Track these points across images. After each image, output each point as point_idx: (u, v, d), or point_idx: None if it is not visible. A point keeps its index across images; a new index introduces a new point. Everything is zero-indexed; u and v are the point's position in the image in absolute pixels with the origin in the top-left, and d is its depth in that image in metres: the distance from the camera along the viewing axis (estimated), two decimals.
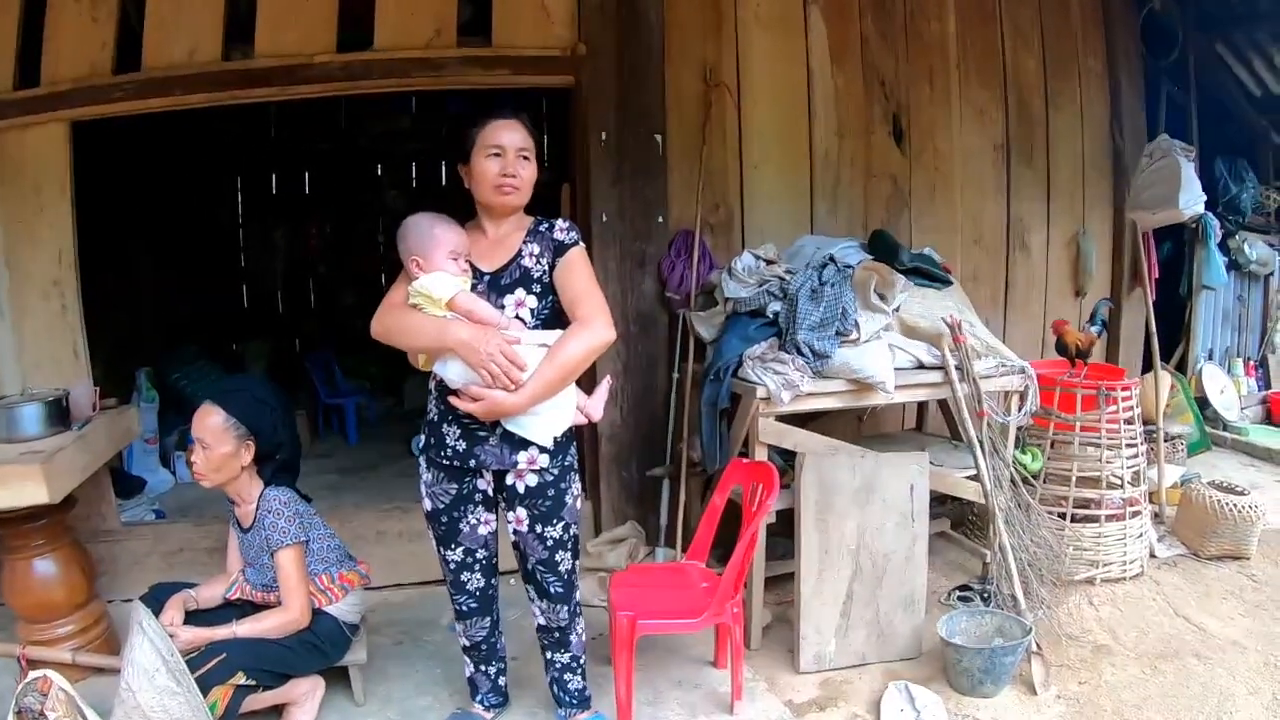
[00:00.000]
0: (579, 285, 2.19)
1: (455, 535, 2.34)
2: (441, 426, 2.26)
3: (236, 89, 3.31)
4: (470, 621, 2.48)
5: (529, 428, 2.15)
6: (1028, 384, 3.32)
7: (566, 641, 2.46)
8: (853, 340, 2.92)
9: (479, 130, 2.17)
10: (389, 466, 5.10)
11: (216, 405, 2.49)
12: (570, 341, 2.11)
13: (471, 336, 2.04)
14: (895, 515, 2.90)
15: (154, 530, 3.71)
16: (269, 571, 2.59)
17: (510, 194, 2.17)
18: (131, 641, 2.26)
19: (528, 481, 2.25)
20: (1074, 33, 4.63)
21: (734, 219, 3.66)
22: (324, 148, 6.97)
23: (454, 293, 2.10)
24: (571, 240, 2.22)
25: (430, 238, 2.15)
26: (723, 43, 3.62)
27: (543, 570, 2.34)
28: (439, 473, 2.30)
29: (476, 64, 3.30)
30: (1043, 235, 4.24)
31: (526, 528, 2.29)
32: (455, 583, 2.42)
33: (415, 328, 2.13)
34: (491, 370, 2.02)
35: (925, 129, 3.93)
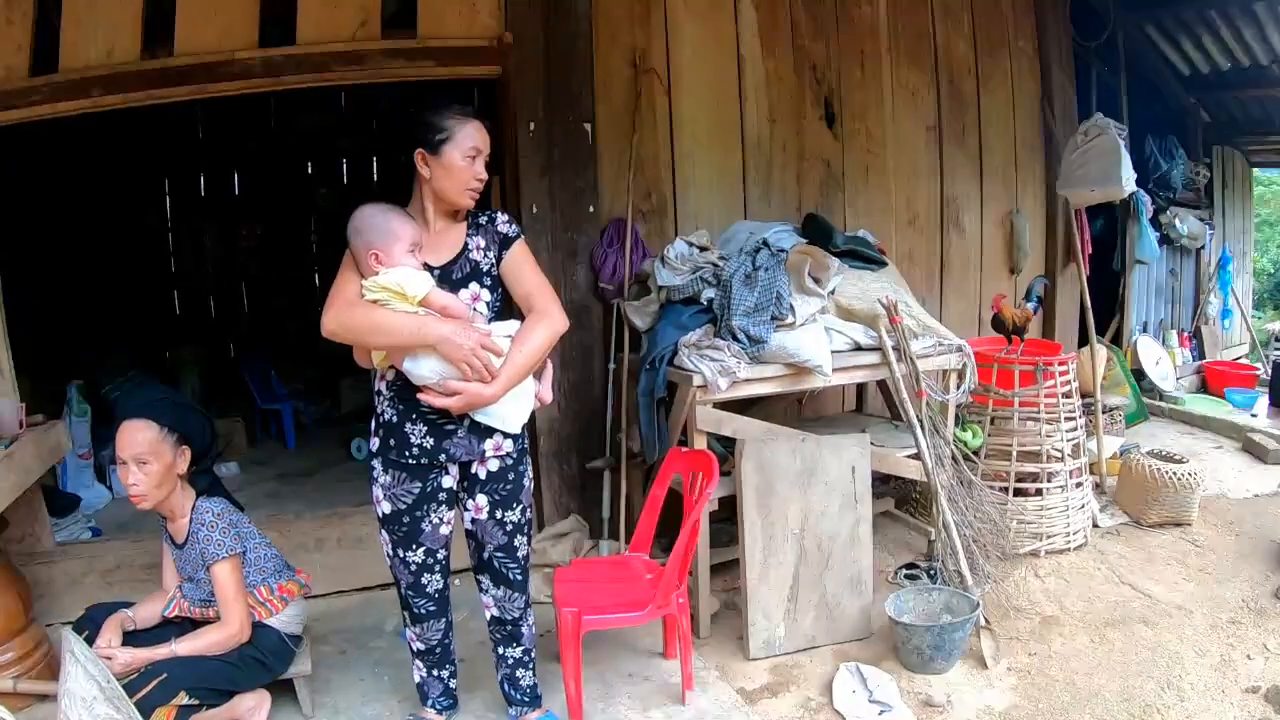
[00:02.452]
0: (530, 278, 2.23)
1: (416, 536, 2.29)
2: (403, 426, 2.20)
3: (155, 88, 3.19)
4: (426, 625, 2.43)
5: (498, 417, 2.16)
6: (965, 362, 3.36)
7: (519, 634, 2.44)
8: (788, 324, 2.93)
9: (458, 126, 2.13)
10: (328, 471, 5.01)
11: (145, 419, 2.40)
12: (535, 330, 2.15)
13: (452, 332, 2.02)
14: (838, 497, 2.91)
15: (90, 549, 3.58)
16: (206, 586, 2.51)
17: (477, 198, 2.19)
18: (65, 670, 2.17)
19: (489, 467, 2.24)
20: (1004, 15, 4.68)
21: (666, 207, 3.64)
22: (253, 146, 6.78)
23: (428, 289, 2.06)
24: (515, 233, 2.24)
25: (389, 232, 2.09)
26: (652, 29, 3.60)
27: (501, 557, 2.32)
28: (399, 474, 2.24)
29: (400, 56, 3.22)
30: (976, 214, 4.29)
31: (486, 514, 2.27)
32: (414, 585, 2.37)
33: (387, 325, 2.06)
34: (473, 364, 2.02)
35: (857, 112, 3.95)
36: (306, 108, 6.38)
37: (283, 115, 6.69)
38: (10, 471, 2.81)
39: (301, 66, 3.17)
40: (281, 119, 6.73)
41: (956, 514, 3.21)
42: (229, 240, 7.07)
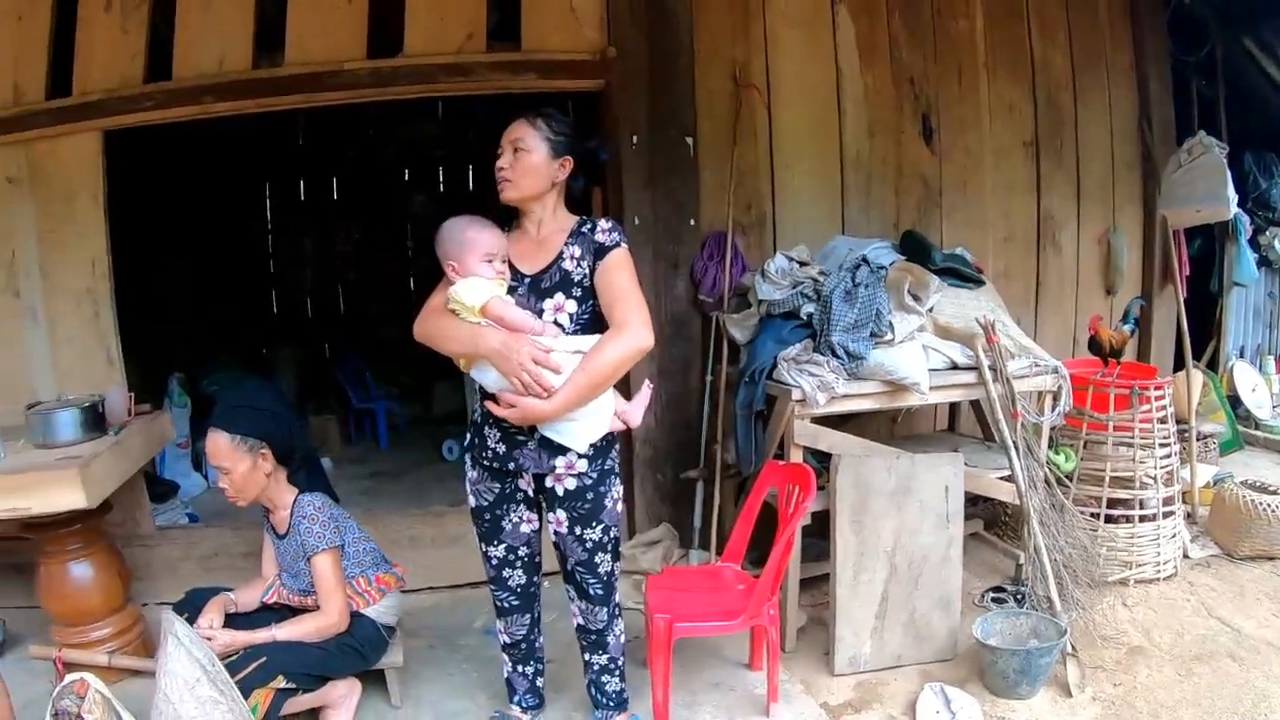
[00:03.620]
0: (617, 288, 2.14)
1: (498, 533, 2.37)
2: (483, 429, 2.29)
3: (265, 97, 3.34)
4: (511, 618, 2.50)
5: (565, 434, 2.15)
6: (1061, 384, 3.29)
7: (604, 643, 2.47)
8: (887, 341, 2.92)
9: None
10: (420, 471, 5.13)
11: (219, 429, 2.52)
12: (605, 348, 2.07)
13: (502, 344, 2.04)
14: (931, 516, 2.88)
15: (188, 534, 3.74)
16: (305, 577, 2.60)
17: (504, 188, 2.20)
18: (167, 652, 2.27)
19: (566, 485, 2.26)
20: (1101, 28, 4.58)
21: (766, 220, 3.65)
22: (352, 155, 6.99)
23: (485, 299, 2.10)
24: (613, 242, 2.19)
25: (463, 242, 2.16)
26: (751, 43, 3.61)
27: (582, 571, 2.35)
28: (482, 472, 2.33)
29: (504, 69, 3.31)
30: (1073, 233, 4.20)
31: (566, 529, 2.30)
32: (497, 579, 2.44)
33: (451, 334, 2.15)
34: (522, 379, 2.02)
35: (955, 127, 3.90)
36: (404, 117, 6.55)
37: (381, 124, 6.88)
38: (119, 457, 2.96)
39: (409, 77, 3.28)
40: (380, 127, 6.92)
41: (1047, 538, 3.15)
42: (327, 244, 7.30)
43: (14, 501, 2.65)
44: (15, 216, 3.59)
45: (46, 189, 3.58)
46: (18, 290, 3.62)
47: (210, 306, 6.33)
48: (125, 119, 3.48)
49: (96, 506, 2.79)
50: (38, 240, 3.59)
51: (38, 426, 2.93)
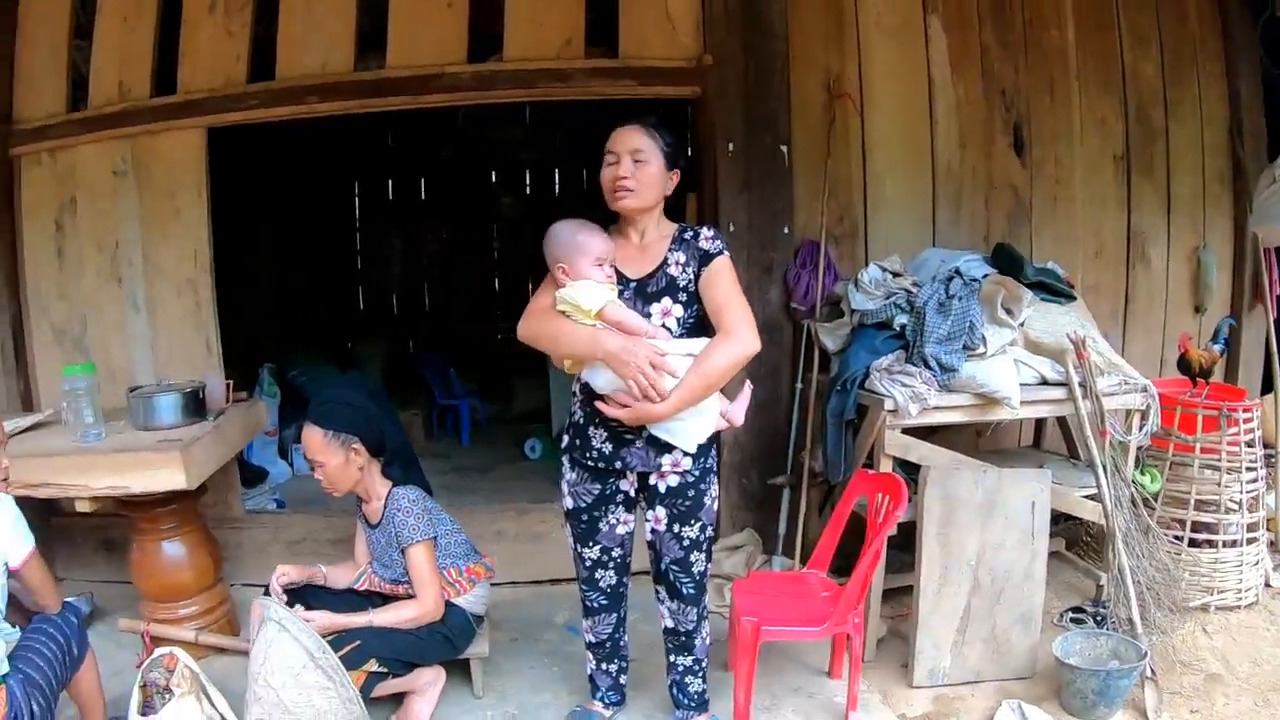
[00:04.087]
0: (724, 295, 2.20)
1: (594, 534, 2.40)
2: (587, 429, 2.31)
3: (369, 98, 3.44)
4: (598, 618, 2.54)
5: (675, 434, 2.19)
6: (1149, 403, 3.24)
7: (692, 645, 2.50)
8: (979, 354, 2.90)
9: (609, 139, 2.24)
10: (501, 468, 5.22)
11: (312, 424, 2.60)
12: (716, 351, 2.13)
13: (621, 348, 2.08)
14: (1016, 532, 2.86)
15: (276, 519, 3.87)
16: (397, 566, 2.68)
17: (624, 197, 2.21)
18: (266, 638, 2.34)
19: (669, 481, 2.30)
20: (1192, 39, 4.47)
21: (858, 230, 3.65)
22: (441, 155, 7.14)
23: (603, 304, 2.14)
24: (717, 249, 2.25)
25: (575, 245, 2.19)
26: (845, 52, 3.62)
27: (676, 570, 2.38)
28: (582, 472, 2.35)
29: (603, 74, 3.36)
30: (1163, 249, 4.11)
31: (664, 527, 2.34)
32: (589, 579, 2.48)
33: (565, 335, 2.18)
34: (640, 381, 2.06)
35: (1046, 139, 3.85)
36: (492, 119, 6.66)
37: (470, 126, 7.02)
38: (217, 442, 3.09)
39: (509, 82, 3.35)
40: (468, 129, 7.06)
41: (1131, 559, 3.10)
42: (414, 243, 7.46)
43: (115, 480, 2.78)
44: (120, 208, 3.77)
45: (150, 182, 3.74)
46: (120, 278, 3.80)
47: (299, 301, 6.51)
48: (229, 117, 3.63)
49: (194, 488, 2.89)
50: (141, 231, 3.76)
51: (139, 409, 3.06)
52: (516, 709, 2.78)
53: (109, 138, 3.73)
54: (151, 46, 3.73)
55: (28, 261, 3.86)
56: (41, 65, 3.84)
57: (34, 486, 2.75)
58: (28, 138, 3.82)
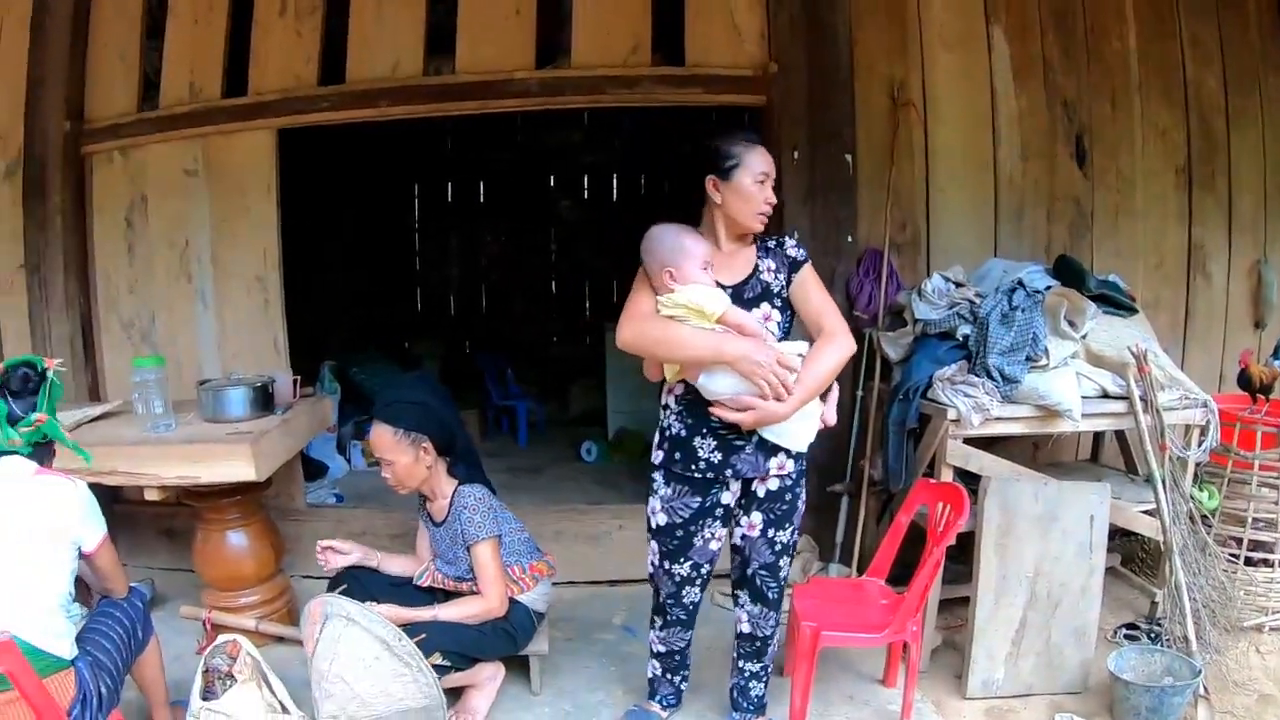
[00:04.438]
0: (819, 300, 2.30)
1: (687, 550, 2.38)
2: (692, 440, 2.28)
3: (439, 102, 3.50)
4: (673, 631, 2.54)
5: (786, 436, 2.22)
6: (1209, 418, 3.21)
7: (765, 651, 2.52)
8: (1041, 366, 2.90)
9: (747, 153, 2.25)
10: (556, 469, 5.26)
11: (383, 423, 2.65)
12: (825, 353, 2.21)
13: (751, 349, 2.10)
14: (1074, 545, 2.85)
15: (338, 513, 3.94)
16: (462, 563, 2.73)
17: (766, 221, 2.28)
18: (334, 634, 2.38)
19: (769, 485, 2.32)
20: (1254, 49, 4.40)
21: (920, 239, 3.65)
22: (500, 159, 7.22)
23: (726, 306, 2.16)
24: (803, 257, 2.33)
25: (682, 250, 2.20)
26: (908, 62, 3.62)
27: (764, 575, 2.41)
28: (681, 486, 2.32)
29: (669, 82, 3.40)
30: (1223, 263, 4.06)
31: (758, 532, 2.36)
32: (674, 595, 2.46)
33: (686, 340, 2.15)
34: (770, 382, 2.09)
35: (1108, 151, 3.82)
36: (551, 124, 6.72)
37: (528, 130, 7.09)
38: (285, 436, 3.15)
39: (577, 88, 3.40)
40: (527, 134, 7.14)
41: (1188, 576, 3.08)
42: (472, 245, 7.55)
43: (186, 470, 2.85)
44: (190, 206, 3.87)
45: (221, 181, 3.83)
46: (189, 275, 3.89)
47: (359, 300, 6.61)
48: (300, 119, 3.72)
49: (262, 481, 2.95)
50: (211, 229, 3.86)
51: (209, 402, 3.13)
52: (572, 706, 2.82)
53: (180, 137, 3.84)
54: (222, 47, 3.83)
55: (98, 258, 3.98)
56: (113, 65, 3.95)
57: (105, 474, 2.81)
58: (99, 136, 3.93)
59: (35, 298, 3.93)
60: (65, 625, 2.13)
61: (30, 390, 2.26)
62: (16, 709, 1.91)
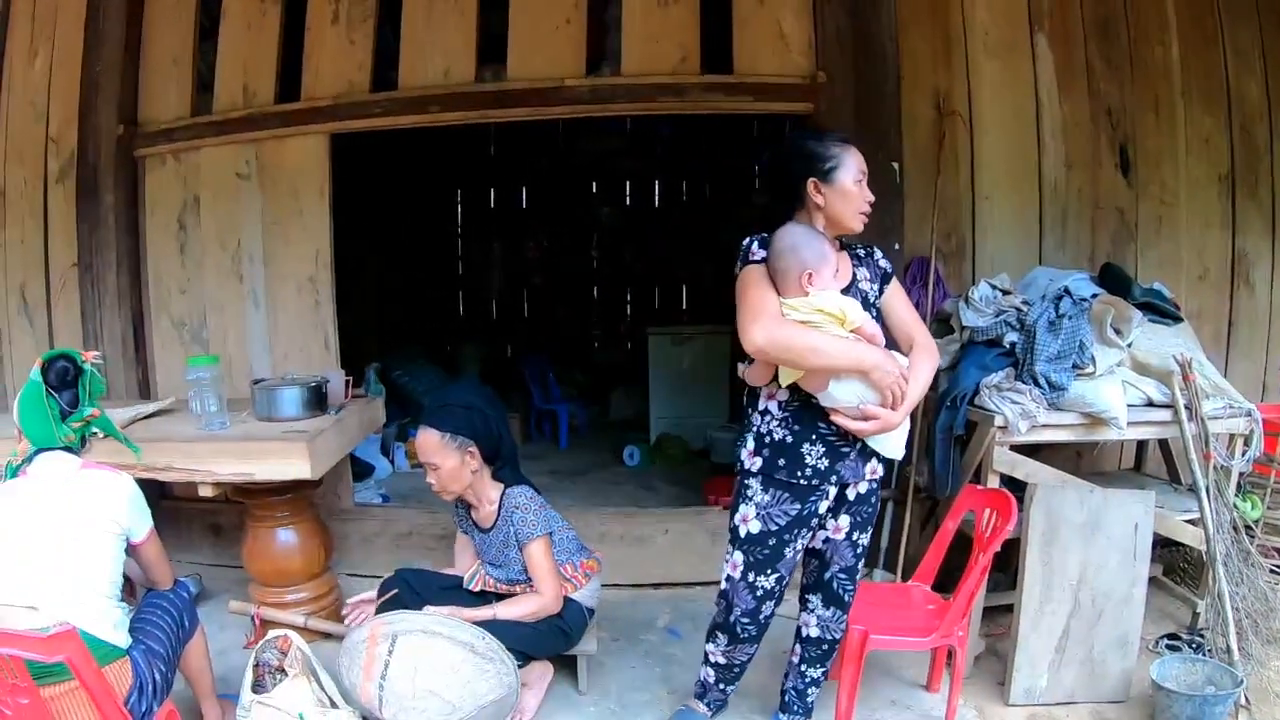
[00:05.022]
0: (908, 312, 2.37)
1: (778, 559, 2.35)
2: (799, 447, 2.26)
3: (491, 109, 3.55)
4: (742, 647, 2.51)
5: (889, 442, 2.25)
6: (1253, 428, 3.21)
7: (830, 655, 2.55)
8: (1088, 374, 2.91)
9: (844, 153, 2.26)
10: (598, 473, 5.33)
11: (429, 426, 2.68)
12: (925, 363, 2.29)
13: (885, 359, 2.14)
14: (1118, 553, 2.85)
15: (384, 512, 4.00)
16: (515, 565, 2.76)
17: (866, 221, 2.31)
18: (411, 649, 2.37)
19: (859, 489, 2.35)
20: None
21: (965, 248, 3.67)
22: (541, 165, 7.31)
23: (864, 316, 2.17)
24: (891, 270, 2.40)
25: (824, 255, 2.17)
26: (953, 70, 3.64)
27: (843, 578, 2.44)
28: (781, 493, 2.29)
29: (718, 90, 3.44)
30: (1267, 272, 4.03)
31: (844, 535, 2.39)
32: (754, 611, 2.42)
33: (826, 347, 2.10)
34: (896, 392, 2.13)
35: (1151, 160, 3.81)
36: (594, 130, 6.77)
37: (570, 137, 7.18)
38: (339, 435, 3.20)
39: (627, 96, 3.45)
40: (568, 141, 7.23)
41: (1231, 585, 3.07)
42: (515, 250, 7.65)
43: (240, 467, 2.90)
44: (242, 208, 3.95)
45: (274, 184, 3.91)
46: (241, 275, 3.97)
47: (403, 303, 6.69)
48: (353, 124, 3.79)
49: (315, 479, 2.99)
50: (263, 231, 3.93)
51: (263, 401, 3.17)
52: (618, 705, 2.87)
53: (233, 141, 3.92)
54: (275, 53, 3.90)
55: (150, 257, 4.08)
56: (166, 69, 4.04)
57: (161, 470, 2.89)
58: (153, 139, 4.03)
59: (88, 296, 4.04)
60: (121, 615, 2.18)
61: (69, 384, 2.31)
62: (75, 697, 1.95)
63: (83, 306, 4.07)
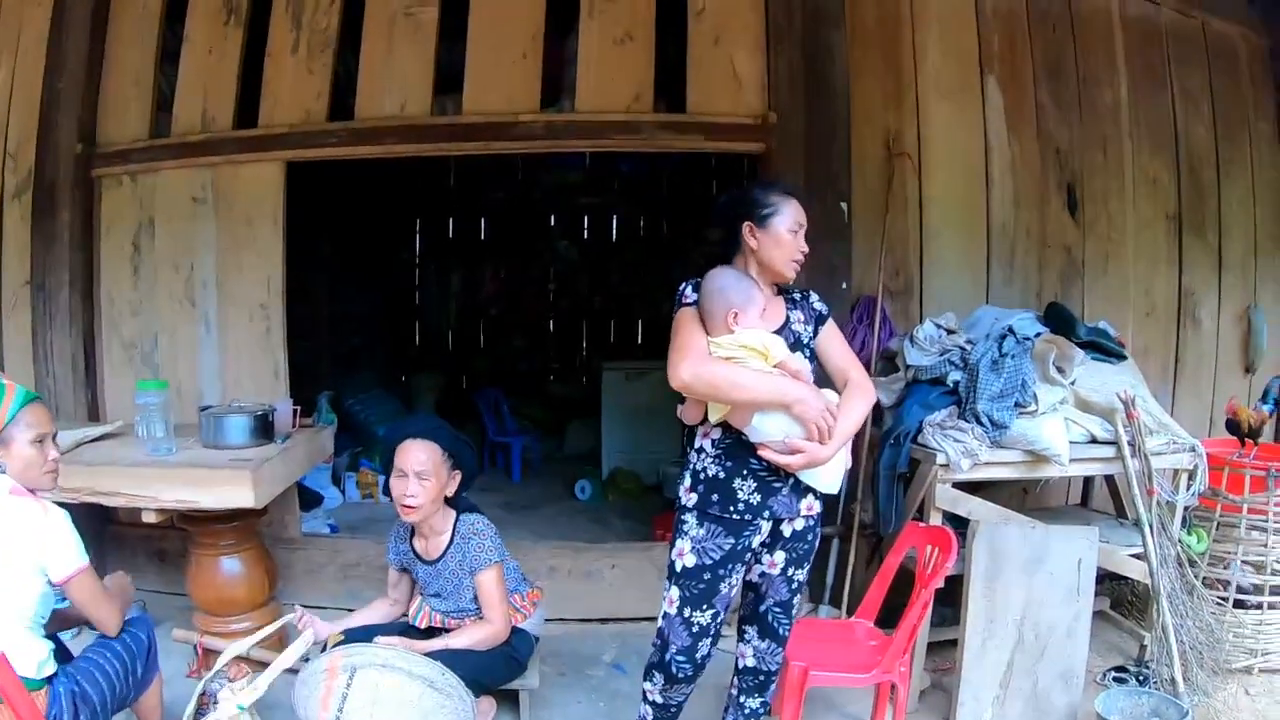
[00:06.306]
0: (844, 352, 2.41)
1: (712, 595, 2.34)
2: (732, 482, 2.28)
3: (445, 142, 3.57)
4: (679, 687, 2.46)
5: (822, 477, 2.27)
6: (1197, 463, 3.27)
7: (768, 686, 2.54)
8: (1030, 412, 2.95)
9: (783, 203, 2.32)
10: (551, 506, 5.30)
11: (431, 441, 2.67)
12: (857, 400, 2.31)
13: (809, 394, 2.17)
14: (1061, 589, 2.89)
15: (333, 543, 3.96)
16: (465, 595, 2.74)
17: (798, 269, 2.36)
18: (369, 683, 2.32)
19: (796, 526, 2.36)
20: (1244, 96, 4.50)
21: (913, 287, 3.72)
22: (499, 197, 7.35)
23: (786, 352, 2.22)
24: (827, 312, 2.43)
25: (749, 296, 2.23)
26: (904, 112, 3.71)
27: (778, 612, 2.44)
28: (716, 527, 2.31)
29: (671, 128, 3.48)
30: (1213, 309, 4.13)
31: (779, 571, 2.39)
32: (689, 649, 2.39)
33: (749, 381, 2.15)
34: (821, 425, 2.15)
35: (1099, 199, 3.90)
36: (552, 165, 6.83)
37: (529, 170, 7.23)
38: (285, 465, 3.17)
39: (580, 132, 3.48)
40: (527, 174, 7.27)
41: (1176, 618, 3.12)
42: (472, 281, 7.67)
43: (184, 494, 2.88)
44: (197, 232, 3.91)
45: (229, 209, 3.88)
46: (193, 300, 3.93)
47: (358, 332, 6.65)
48: (309, 153, 3.78)
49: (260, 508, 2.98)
50: (216, 256, 3.90)
51: (211, 428, 3.14)
52: None
53: (190, 165, 3.89)
54: (235, 79, 3.89)
55: (104, 278, 4.02)
56: (127, 90, 4.02)
57: (105, 494, 2.86)
58: (111, 160, 3.99)
59: (39, 315, 3.97)
60: (37, 646, 2.12)
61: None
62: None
63: (34, 325, 4.00)
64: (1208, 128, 4.35)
